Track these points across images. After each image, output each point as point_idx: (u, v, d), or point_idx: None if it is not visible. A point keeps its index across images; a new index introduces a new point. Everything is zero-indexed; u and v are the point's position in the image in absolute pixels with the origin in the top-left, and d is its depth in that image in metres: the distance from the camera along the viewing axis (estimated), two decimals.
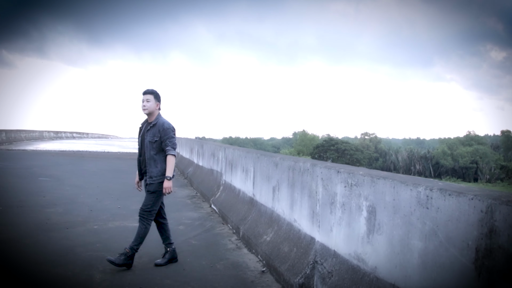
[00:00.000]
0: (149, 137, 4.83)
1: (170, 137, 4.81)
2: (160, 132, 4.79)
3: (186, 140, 16.02)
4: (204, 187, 9.38)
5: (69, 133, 53.26)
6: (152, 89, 4.91)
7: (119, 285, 4.14)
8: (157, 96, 4.90)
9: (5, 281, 4.09)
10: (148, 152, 4.83)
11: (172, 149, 4.80)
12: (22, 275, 4.27)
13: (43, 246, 5.38)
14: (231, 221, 6.44)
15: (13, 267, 4.52)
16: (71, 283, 4.14)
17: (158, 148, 4.80)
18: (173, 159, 4.80)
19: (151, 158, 4.81)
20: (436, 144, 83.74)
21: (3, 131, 33.02)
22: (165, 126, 4.81)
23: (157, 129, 4.80)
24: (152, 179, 4.78)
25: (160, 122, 4.84)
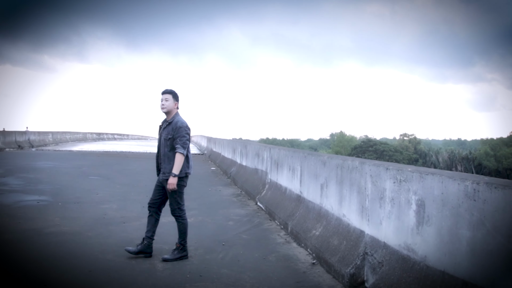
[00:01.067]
0: (164, 134, 5.04)
1: (182, 136, 4.93)
2: (174, 130, 4.95)
3: (228, 141, 16.43)
4: (248, 185, 9.72)
5: (110, 135, 54.93)
6: (171, 89, 5.13)
7: (180, 273, 4.50)
8: (175, 96, 5.11)
9: (78, 268, 4.51)
10: (163, 149, 5.04)
11: (182, 147, 4.89)
12: (92, 263, 4.69)
13: (105, 238, 5.82)
14: (279, 217, 6.73)
15: (82, 255, 4.95)
16: (136, 271, 4.52)
17: (171, 146, 4.97)
18: (181, 157, 4.89)
19: (165, 155, 5.02)
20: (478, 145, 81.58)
21: (50, 132, 34.50)
22: (179, 125, 4.96)
23: (171, 127, 4.99)
24: (165, 175, 5.00)
25: (175, 120, 5.02)
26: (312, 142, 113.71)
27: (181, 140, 4.92)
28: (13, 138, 26.63)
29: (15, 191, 9.56)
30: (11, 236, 5.71)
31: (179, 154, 4.88)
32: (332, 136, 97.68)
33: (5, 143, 25.20)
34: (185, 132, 4.96)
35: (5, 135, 25.57)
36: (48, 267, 4.50)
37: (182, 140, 4.93)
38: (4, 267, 4.46)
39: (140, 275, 4.39)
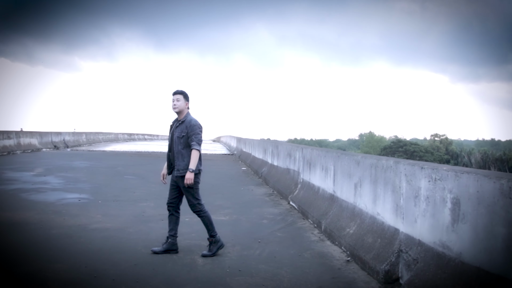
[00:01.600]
0: (177, 133, 5.22)
1: (196, 133, 5.14)
2: (187, 128, 5.15)
3: (258, 142, 16.64)
4: (280, 185, 9.89)
5: (141, 135, 55.91)
6: (182, 90, 5.34)
7: (220, 267, 4.71)
8: (186, 96, 5.31)
9: (124, 262, 4.77)
10: (176, 147, 5.23)
11: (197, 144, 5.13)
12: (136, 258, 4.95)
13: (146, 234, 6.08)
14: (312, 216, 6.87)
15: (126, 250, 5.22)
16: (178, 265, 4.75)
17: (185, 143, 5.17)
18: (197, 153, 5.14)
19: (178, 152, 5.22)
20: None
21: (84, 133, 35.45)
22: (192, 123, 5.18)
23: (184, 125, 5.18)
24: (179, 172, 5.21)
25: (188, 119, 5.22)
26: (340, 142, 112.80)
27: (196, 137, 5.14)
28: (49, 139, 27.51)
29: (57, 189, 9.98)
30: (59, 231, 6.03)
31: (195, 151, 5.12)
32: (361, 137, 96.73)
33: (42, 143, 26.06)
34: (198, 130, 5.19)
35: (42, 136, 26.44)
36: (96, 260, 4.77)
37: (197, 138, 5.15)
38: (56, 259, 4.76)
39: (183, 269, 4.62)
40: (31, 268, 4.45)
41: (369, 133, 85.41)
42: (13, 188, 9.87)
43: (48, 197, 8.84)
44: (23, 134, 23.96)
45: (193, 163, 5.11)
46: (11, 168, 14.13)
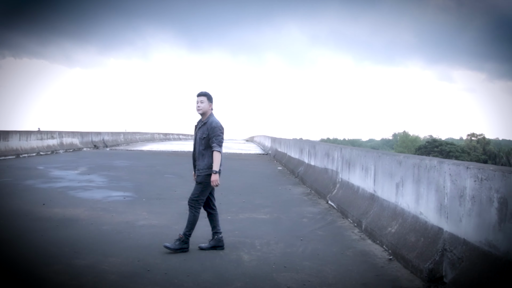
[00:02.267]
0: (199, 134, 5.37)
1: (217, 135, 5.25)
2: (209, 130, 5.27)
3: (294, 141, 16.74)
4: (318, 184, 9.98)
5: (176, 135, 56.77)
6: (206, 92, 5.43)
7: (266, 263, 4.87)
8: (209, 98, 5.42)
9: (174, 257, 5.00)
10: (198, 147, 5.39)
11: (218, 146, 5.25)
12: (185, 253, 5.17)
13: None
14: (352, 215, 6.95)
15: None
16: (225, 261, 4.94)
17: (206, 144, 5.29)
18: (219, 155, 5.24)
19: (200, 153, 5.37)
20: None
21: (122, 133, 36.35)
22: (213, 125, 5.28)
23: (206, 127, 5.31)
24: (199, 171, 5.35)
25: (210, 121, 5.34)
26: (373, 142, 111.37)
27: (217, 139, 5.26)
28: (89, 138, 28.38)
29: (102, 187, 10.38)
30: (109, 227, 6.33)
31: (217, 152, 5.24)
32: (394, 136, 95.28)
33: (83, 143, 26.92)
34: (219, 131, 5.30)
35: (82, 136, 27.31)
36: (147, 255, 5.02)
37: (218, 139, 5.27)
38: (110, 253, 5.03)
39: (230, 264, 4.80)
40: (89, 261, 4.72)
41: (403, 132, 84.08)
42: (61, 186, 10.32)
43: (95, 194, 9.22)
44: (66, 134, 24.82)
45: (216, 164, 5.23)
46: (56, 167, 14.73)
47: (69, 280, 4.17)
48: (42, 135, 21.94)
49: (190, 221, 5.31)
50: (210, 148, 5.29)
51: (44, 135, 22.10)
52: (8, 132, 18.70)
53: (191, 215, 5.33)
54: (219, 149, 5.26)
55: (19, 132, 19.68)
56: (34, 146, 20.78)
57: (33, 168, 14.32)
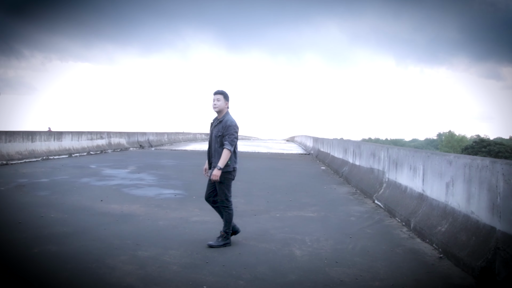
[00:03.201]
0: (215, 131, 5.50)
1: (230, 133, 5.36)
2: (223, 128, 5.40)
3: (338, 141, 16.78)
4: (364, 184, 10.05)
5: None
6: (222, 90, 5.58)
7: (318, 258, 5.05)
8: (226, 96, 5.56)
9: (229, 251, 5.26)
10: (214, 145, 5.52)
11: (229, 144, 5.34)
12: (239, 248, 5.42)
13: (243, 227, 6.50)
14: (400, 215, 7.02)
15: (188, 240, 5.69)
16: (278, 256, 5.15)
17: (221, 142, 5.41)
18: (228, 152, 5.34)
19: (215, 150, 5.49)
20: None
21: (166, 133, 37.28)
22: (228, 124, 5.41)
23: (221, 125, 5.44)
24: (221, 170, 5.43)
25: (225, 119, 5.46)
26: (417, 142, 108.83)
27: (230, 137, 5.38)
28: (135, 139, 29.30)
29: (152, 185, 10.82)
30: (165, 222, 6.68)
31: (226, 150, 5.35)
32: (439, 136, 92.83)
33: (129, 142, 27.83)
34: (233, 130, 5.41)
35: (129, 136, 28.23)
36: (204, 248, 5.30)
37: (231, 138, 5.38)
38: (169, 246, 5.34)
39: (283, 259, 5.01)
40: (151, 253, 5.05)
41: (448, 132, 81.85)
42: (114, 184, 10.83)
43: (147, 192, 9.64)
44: (113, 134, 25.75)
45: (222, 161, 5.36)
46: (107, 166, 15.38)
47: (136, 269, 4.49)
48: (92, 135, 22.87)
49: (226, 220, 5.54)
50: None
51: (93, 136, 23.03)
52: (61, 133, 19.62)
53: (226, 214, 5.54)
54: (230, 147, 5.36)
55: (71, 132, 20.61)
56: (84, 146, 21.69)
57: (86, 167, 15.01)
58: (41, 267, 4.49)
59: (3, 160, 14.79)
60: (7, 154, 15.25)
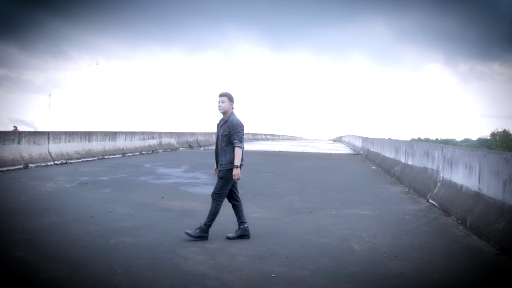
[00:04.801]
0: (221, 131, 5.74)
1: (238, 132, 5.60)
2: (230, 127, 5.63)
3: (389, 141, 16.75)
4: (417, 184, 10.10)
5: (263, 135, 57.97)
6: (226, 92, 5.81)
7: (377, 252, 5.27)
8: (230, 98, 5.79)
9: (292, 244, 5.56)
10: (220, 144, 5.75)
11: (239, 142, 5.58)
12: (300, 242, 5.71)
13: (300, 223, 6.83)
14: (455, 213, 7.09)
15: (290, 235, 6.01)
16: (338, 249, 5.40)
17: (227, 141, 5.65)
18: (240, 150, 5.58)
19: (222, 149, 5.73)
20: None
21: (213, 133, 38.02)
22: (234, 123, 5.64)
23: (227, 125, 5.67)
24: (221, 166, 5.70)
25: (231, 119, 5.70)
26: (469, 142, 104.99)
27: (238, 135, 5.62)
28: (185, 139, 30.15)
29: (208, 184, 11.27)
30: (227, 218, 7.04)
31: (238, 148, 5.58)
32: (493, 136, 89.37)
33: (179, 142, 28.69)
34: (240, 128, 5.65)
35: (179, 136, 29.10)
36: (267, 242, 5.63)
37: (239, 136, 5.63)
38: (234, 239, 5.69)
39: (344, 252, 5.27)
40: (218, 245, 5.45)
41: (503, 132, 78.65)
42: (171, 182, 11.36)
43: (204, 190, 10.09)
44: (164, 134, 26.63)
45: (237, 159, 5.60)
46: (161, 165, 16.03)
47: (207, 259, 4.88)
48: (144, 135, 23.76)
49: (211, 213, 5.78)
50: (231, 145, 5.66)
51: (145, 136, 23.92)
52: (116, 133, 20.54)
53: (213, 207, 5.78)
54: (240, 145, 5.60)
55: (125, 133, 21.51)
56: (137, 145, 22.58)
57: (141, 166, 15.71)
58: (120, 256, 4.94)
59: (63, 159, 15.70)
60: (66, 154, 16.17)
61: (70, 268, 4.44)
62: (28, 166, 13.67)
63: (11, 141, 13.43)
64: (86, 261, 4.67)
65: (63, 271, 4.35)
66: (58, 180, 10.89)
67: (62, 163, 15.43)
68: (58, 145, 15.80)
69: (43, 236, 5.64)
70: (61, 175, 11.93)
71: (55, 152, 15.51)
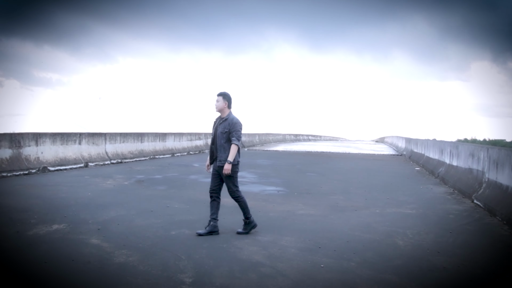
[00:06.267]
0: (220, 128, 6.02)
1: (237, 130, 5.95)
2: (230, 125, 5.96)
3: (433, 142, 16.69)
4: (462, 184, 10.17)
5: (305, 136, 58.08)
6: (222, 92, 6.12)
7: (420, 248, 5.54)
8: (225, 97, 6.08)
9: (337, 240, 5.89)
10: (219, 141, 6.04)
11: (237, 140, 5.92)
12: (347, 236, 6.03)
13: (346, 220, 7.14)
14: (500, 213, 7.21)
15: (335, 231, 6.33)
16: (383, 245, 5.70)
17: (226, 138, 5.97)
18: (235, 147, 5.91)
19: (221, 146, 6.02)
20: None
21: (257, 134, 38.56)
22: (234, 121, 5.99)
23: (227, 123, 5.99)
24: (221, 162, 6.00)
25: (230, 118, 6.03)
26: None
27: (236, 133, 5.95)
28: None
29: (255, 182, 11.71)
30: (275, 214, 7.46)
31: (234, 145, 5.91)
32: None
33: None
34: (239, 127, 6.00)
35: None
36: (315, 236, 6.00)
37: (237, 134, 5.96)
38: (283, 233, 6.11)
39: (388, 247, 5.57)
40: (269, 238, 5.86)
41: None
42: None
43: (252, 188, 10.53)
44: (210, 135, 27.34)
45: (231, 155, 5.92)
46: None
47: (260, 250, 5.30)
48: (191, 136, 24.55)
49: (243, 208, 6.20)
50: (230, 142, 5.99)
51: (192, 137, 24.71)
52: (165, 134, 21.37)
53: (240, 203, 6.20)
54: (237, 143, 5.93)
55: (173, 134, 22.33)
56: (185, 146, 23.37)
57: (190, 165, 16.36)
58: (182, 245, 5.44)
59: (118, 158, 16.57)
60: (121, 153, 17.05)
61: (140, 254, 4.99)
62: (88, 164, 14.59)
63: (73, 141, 14.40)
64: (153, 249, 5.20)
65: (134, 256, 4.90)
66: (116, 178, 11.64)
67: (118, 162, 16.31)
68: (114, 145, 16.72)
69: (112, 227, 6.25)
70: (118, 173, 12.71)
71: (111, 152, 16.43)
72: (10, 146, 12.07)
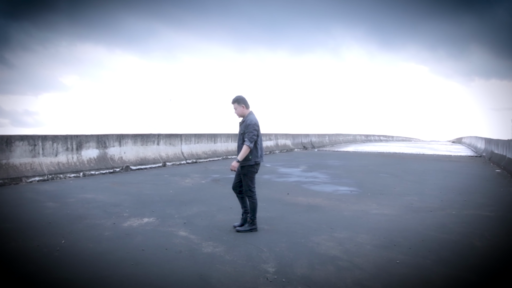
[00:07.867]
0: (240, 130, 6.27)
1: (250, 131, 6.09)
2: (245, 127, 6.15)
3: None
4: None
5: (376, 136, 56.98)
6: (234, 98, 6.30)
7: (499, 250, 5.53)
8: (239, 102, 6.28)
9: (413, 238, 6.00)
10: (239, 141, 6.28)
11: (248, 141, 6.04)
12: (423, 235, 6.11)
13: (421, 220, 7.17)
14: None
15: (410, 229, 6.42)
16: (459, 245, 5.73)
17: (243, 139, 6.17)
18: (247, 148, 6.04)
19: (239, 146, 6.26)
20: None
21: (327, 135, 38.50)
22: (248, 123, 6.17)
23: (244, 125, 6.20)
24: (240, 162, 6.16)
25: (248, 119, 6.23)
26: None
27: (249, 135, 6.10)
28: (299, 140, 31.09)
29: (327, 183, 11.91)
30: (349, 213, 7.65)
31: (245, 146, 6.08)
32: None
33: (294, 144, 29.69)
34: (253, 128, 6.13)
35: (293, 137, 30.11)
36: (389, 234, 6.14)
37: (250, 135, 6.09)
38: (359, 231, 6.30)
39: (464, 247, 5.61)
40: (345, 235, 6.10)
41: None
42: (293, 180, 12.19)
43: (325, 188, 10.75)
44: (280, 136, 27.80)
45: (241, 155, 6.11)
46: (280, 165, 17.00)
47: (336, 245, 5.57)
48: (264, 137, 25.07)
49: (251, 208, 6.32)
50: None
51: (263, 137, 25.22)
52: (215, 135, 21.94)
53: (251, 203, 6.32)
54: (249, 144, 6.06)
55: (231, 135, 22.89)
56: None
57: (262, 165, 16.77)
58: (263, 239, 5.84)
59: (193, 158, 17.40)
60: (196, 154, 17.87)
61: (225, 246, 5.44)
62: (165, 164, 15.50)
63: (152, 142, 15.37)
64: (236, 242, 5.64)
65: (220, 247, 5.36)
66: (193, 177, 12.33)
67: (193, 162, 17.13)
68: (189, 146, 17.58)
69: (196, 221, 6.79)
70: (195, 173, 13.42)
71: (187, 152, 17.29)
72: (97, 146, 13.18)
